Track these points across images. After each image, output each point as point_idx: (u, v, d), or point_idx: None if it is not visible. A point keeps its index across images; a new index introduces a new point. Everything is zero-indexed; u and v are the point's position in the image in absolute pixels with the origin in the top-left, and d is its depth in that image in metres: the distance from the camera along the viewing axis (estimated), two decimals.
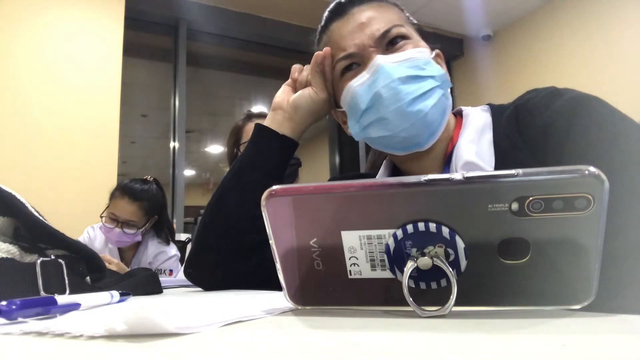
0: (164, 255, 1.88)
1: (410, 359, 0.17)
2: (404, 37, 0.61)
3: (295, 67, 0.73)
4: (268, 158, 0.69)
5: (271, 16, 3.19)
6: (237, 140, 1.46)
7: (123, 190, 1.76)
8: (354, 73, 0.62)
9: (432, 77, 0.58)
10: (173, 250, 1.93)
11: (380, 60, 0.58)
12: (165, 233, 1.94)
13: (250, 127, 1.42)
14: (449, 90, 0.61)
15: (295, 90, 0.72)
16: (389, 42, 0.61)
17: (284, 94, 0.72)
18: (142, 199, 1.78)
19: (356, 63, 0.62)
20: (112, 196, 1.77)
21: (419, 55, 0.59)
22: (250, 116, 1.47)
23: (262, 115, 1.44)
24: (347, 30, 0.62)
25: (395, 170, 0.71)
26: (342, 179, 0.82)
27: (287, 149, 0.71)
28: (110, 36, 2.51)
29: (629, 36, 2.72)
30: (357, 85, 0.60)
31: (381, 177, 0.71)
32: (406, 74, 0.57)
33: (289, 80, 0.73)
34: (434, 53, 0.63)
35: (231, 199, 0.68)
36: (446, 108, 0.60)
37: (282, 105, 0.71)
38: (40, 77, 2.30)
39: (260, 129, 0.71)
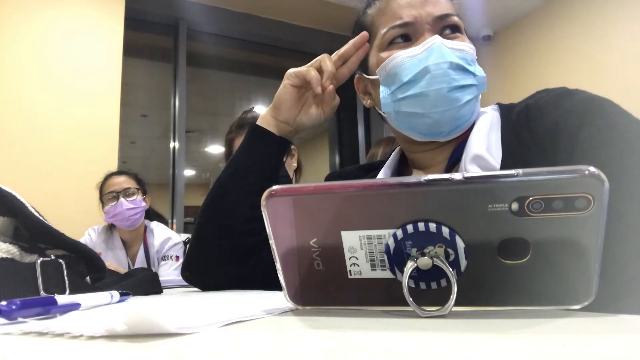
0: (170, 242, 1.96)
1: (410, 359, 0.17)
2: (458, 28, 0.61)
3: (316, 79, 0.65)
4: (265, 160, 0.69)
5: (271, 16, 3.19)
6: (231, 153, 1.44)
7: (106, 175, 1.95)
8: (404, 45, 0.61)
9: (474, 75, 0.58)
10: (178, 237, 2.04)
11: (438, 39, 0.58)
12: (156, 214, 2.14)
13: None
14: (480, 95, 0.61)
15: (300, 88, 0.68)
16: (444, 27, 0.61)
17: (289, 98, 0.68)
18: (126, 172, 1.98)
19: (406, 36, 0.61)
20: (102, 186, 1.92)
21: (470, 50, 0.59)
22: (242, 125, 1.44)
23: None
24: (408, 0, 0.62)
25: (402, 161, 0.71)
26: (341, 174, 0.82)
27: (282, 150, 0.70)
28: (110, 36, 2.51)
29: (629, 36, 2.72)
30: (406, 56, 0.59)
31: (390, 164, 0.71)
32: (457, 62, 0.57)
33: (296, 80, 0.67)
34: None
35: (227, 202, 0.67)
36: (475, 110, 0.60)
37: (287, 117, 0.69)
38: (40, 78, 2.29)
39: (256, 130, 0.70)
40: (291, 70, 0.68)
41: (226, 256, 0.66)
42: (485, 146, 0.57)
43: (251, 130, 0.71)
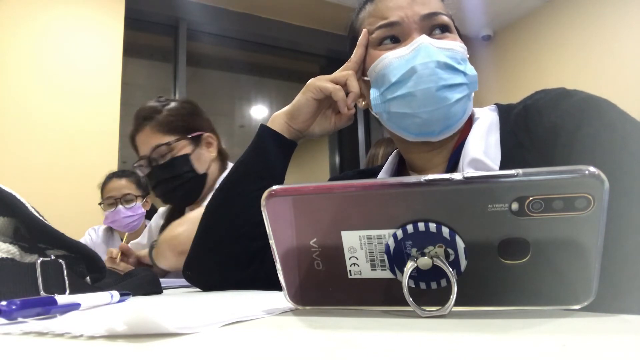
0: None
1: (410, 359, 0.17)
2: (447, 27, 0.61)
3: (343, 101, 0.66)
4: (277, 165, 0.69)
5: (271, 16, 3.18)
6: (136, 151, 1.30)
7: (108, 175, 1.90)
8: (392, 46, 0.61)
9: (464, 74, 0.58)
10: None
11: (425, 40, 0.58)
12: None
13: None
14: (472, 93, 0.61)
15: (321, 101, 0.68)
16: (433, 27, 0.61)
17: (310, 110, 0.68)
18: (128, 174, 1.90)
19: (394, 37, 0.61)
20: (102, 187, 1.89)
21: (459, 49, 0.59)
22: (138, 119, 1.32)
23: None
24: (396, 2, 0.62)
25: (401, 164, 0.71)
26: (342, 178, 0.82)
27: (291, 154, 0.71)
28: (110, 36, 2.51)
29: (629, 36, 2.72)
30: (394, 57, 0.59)
31: (388, 168, 0.71)
32: (445, 61, 0.57)
33: (320, 95, 0.67)
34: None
35: (237, 205, 0.66)
36: (467, 109, 0.60)
37: (302, 127, 0.70)
38: (39, 77, 2.29)
39: (270, 133, 0.69)
40: (317, 84, 0.67)
41: (232, 260, 0.66)
42: (482, 149, 0.57)
43: (264, 133, 0.70)
